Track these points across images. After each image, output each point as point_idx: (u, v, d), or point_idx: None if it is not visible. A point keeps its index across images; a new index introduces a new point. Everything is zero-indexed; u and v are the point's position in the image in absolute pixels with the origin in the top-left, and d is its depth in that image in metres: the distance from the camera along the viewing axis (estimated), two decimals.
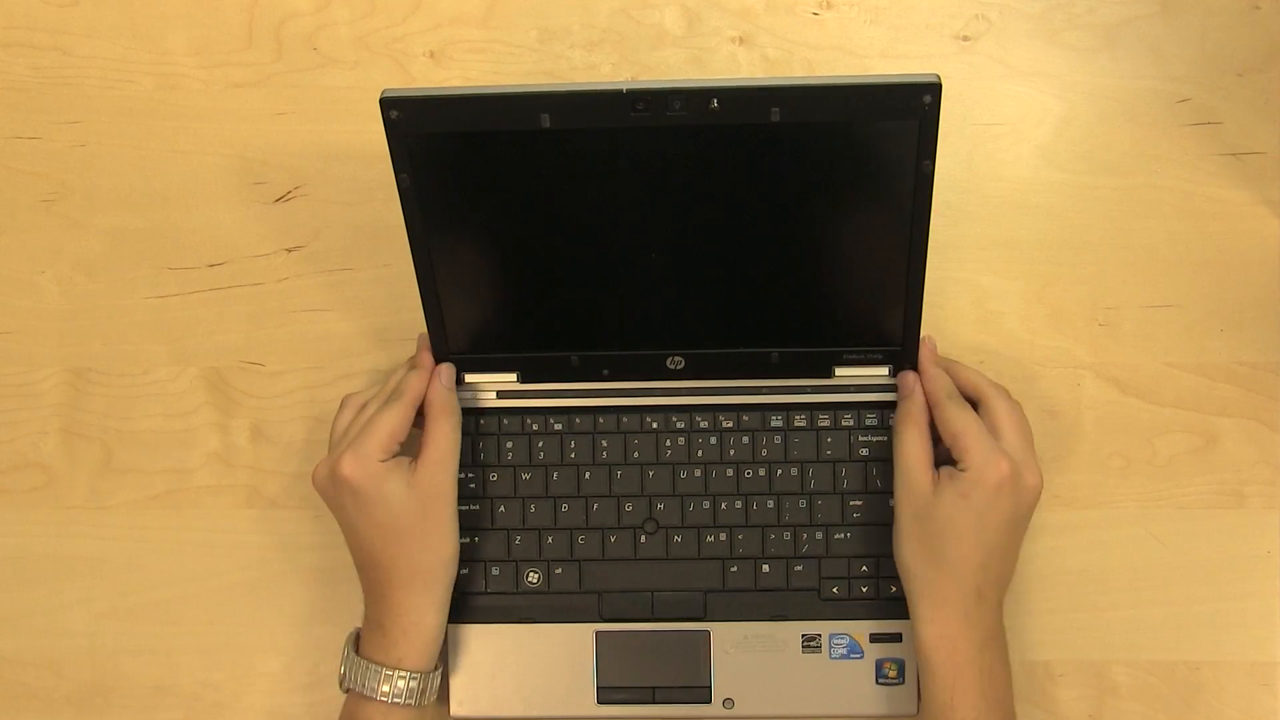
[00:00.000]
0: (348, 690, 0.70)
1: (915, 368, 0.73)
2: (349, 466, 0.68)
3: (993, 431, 0.69)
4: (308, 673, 0.77)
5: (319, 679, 0.77)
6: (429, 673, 0.70)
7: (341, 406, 0.73)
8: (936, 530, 0.68)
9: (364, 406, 0.73)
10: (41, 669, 0.78)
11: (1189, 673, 0.75)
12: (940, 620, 0.68)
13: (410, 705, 0.68)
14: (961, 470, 0.67)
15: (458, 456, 0.71)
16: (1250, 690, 0.75)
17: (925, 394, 0.71)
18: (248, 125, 0.80)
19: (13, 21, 0.81)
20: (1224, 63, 0.78)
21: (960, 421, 0.68)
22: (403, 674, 0.68)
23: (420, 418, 0.72)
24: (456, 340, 0.73)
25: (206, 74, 0.80)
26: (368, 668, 0.69)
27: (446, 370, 0.73)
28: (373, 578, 0.70)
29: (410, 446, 0.71)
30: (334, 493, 0.70)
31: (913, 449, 0.69)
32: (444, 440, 0.71)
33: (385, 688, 0.68)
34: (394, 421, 0.70)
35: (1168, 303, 0.77)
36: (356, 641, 0.71)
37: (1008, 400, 0.71)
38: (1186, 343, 0.77)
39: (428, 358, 0.73)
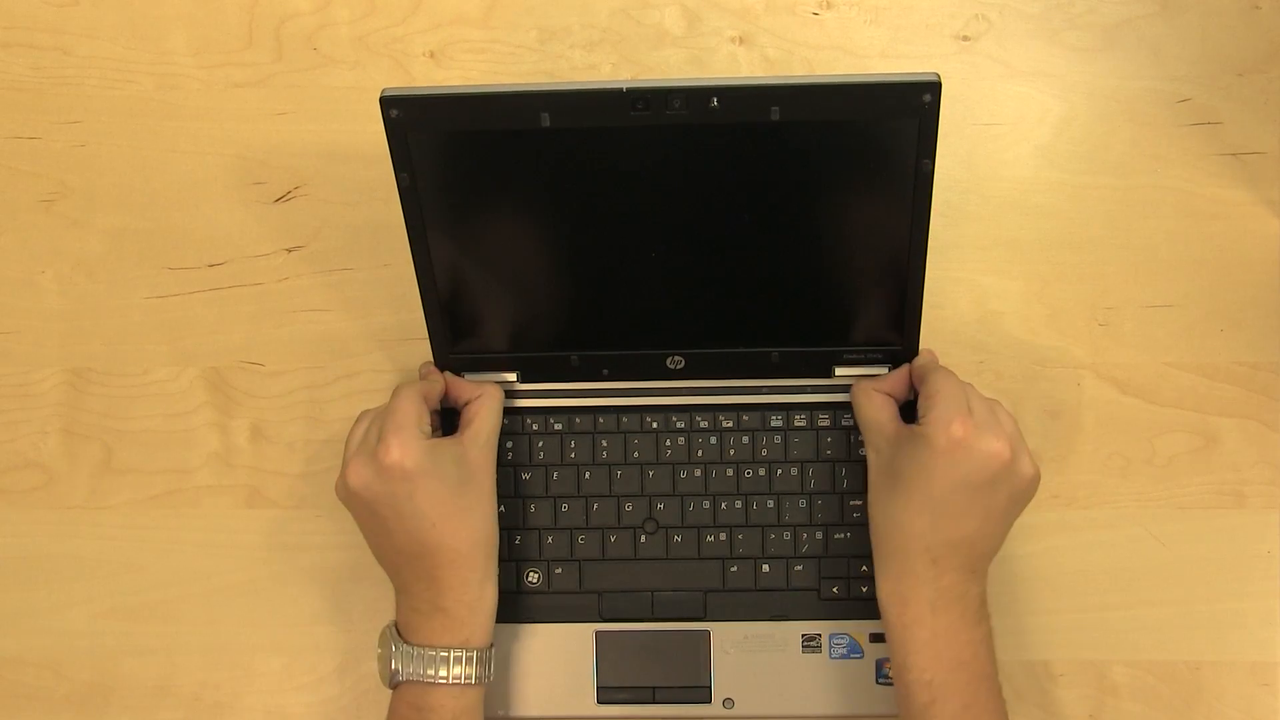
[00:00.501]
0: (398, 684, 0.68)
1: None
2: (397, 451, 0.67)
3: (966, 398, 0.68)
4: (308, 673, 0.77)
5: (319, 679, 0.77)
6: (491, 648, 0.70)
7: (357, 421, 0.72)
8: (891, 485, 0.68)
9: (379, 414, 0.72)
10: (41, 669, 0.78)
11: (1189, 673, 0.75)
12: (891, 576, 0.68)
13: (483, 683, 0.68)
14: (922, 423, 0.67)
15: (498, 434, 0.73)
16: (1250, 690, 0.75)
17: (914, 366, 0.72)
18: (248, 125, 0.80)
19: (13, 21, 0.81)
20: (1224, 63, 0.78)
21: (940, 384, 0.68)
22: (469, 653, 0.68)
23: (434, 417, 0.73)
24: (456, 340, 0.73)
25: (206, 74, 0.80)
26: (430, 655, 0.67)
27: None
28: (422, 566, 0.68)
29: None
30: (382, 485, 0.67)
31: (873, 409, 0.70)
32: (491, 416, 0.72)
33: (456, 670, 0.67)
34: (414, 400, 0.69)
35: (1168, 303, 0.77)
36: (398, 634, 0.70)
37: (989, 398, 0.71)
38: (1186, 343, 0.77)
39: (433, 370, 0.74)
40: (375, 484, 0.68)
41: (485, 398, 0.72)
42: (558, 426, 0.75)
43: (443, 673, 0.67)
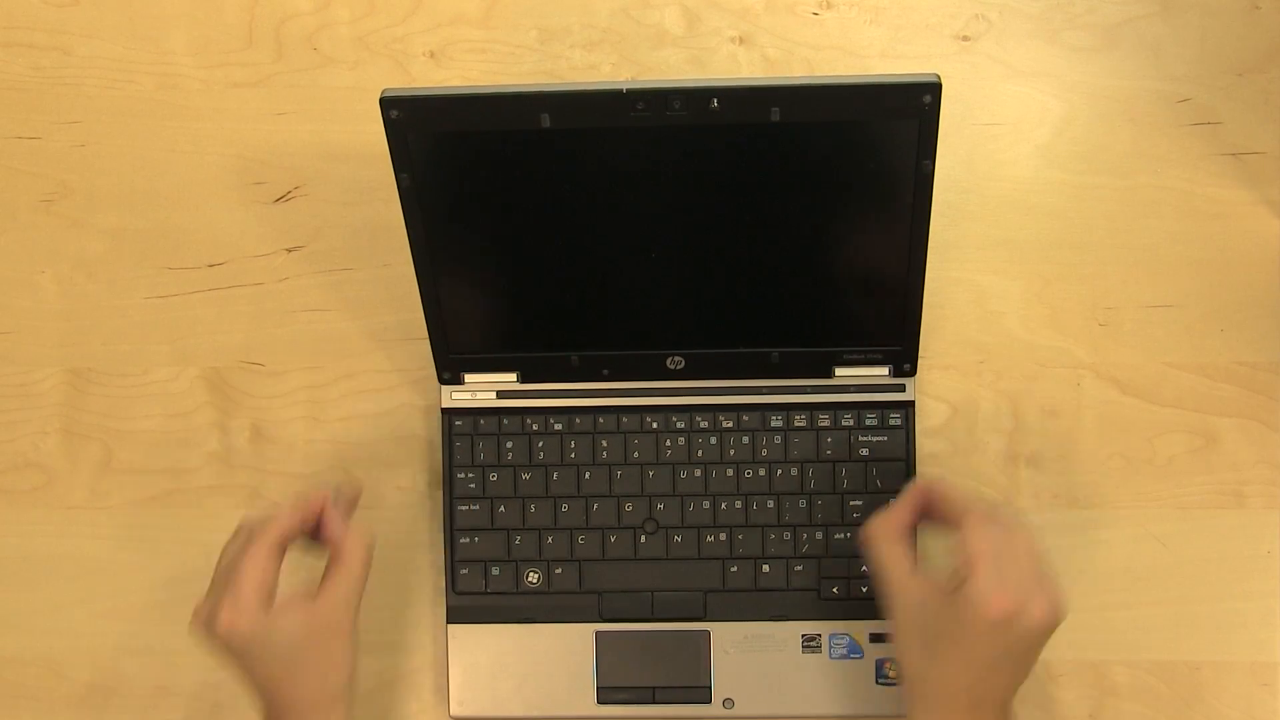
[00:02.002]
0: None
1: (914, 368, 0.73)
2: (227, 620, 0.63)
3: (1000, 556, 0.63)
4: None
5: None
6: None
7: (235, 533, 0.68)
8: (927, 639, 0.64)
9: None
10: (41, 669, 0.78)
11: (1189, 673, 0.75)
12: (931, 714, 0.65)
13: None
14: (961, 594, 0.62)
15: (363, 588, 0.67)
16: (1250, 690, 0.75)
17: (953, 499, 0.66)
18: (248, 125, 0.80)
19: (13, 21, 0.81)
20: (1224, 63, 0.78)
21: (975, 542, 0.63)
22: None
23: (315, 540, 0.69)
24: (457, 340, 0.73)
25: (206, 74, 0.80)
26: None
27: (347, 499, 0.70)
28: (268, 704, 0.66)
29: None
30: (218, 646, 0.65)
31: (892, 563, 0.66)
32: (350, 580, 0.67)
33: None
34: (260, 568, 0.65)
35: (1168, 303, 0.77)
36: None
37: (1015, 523, 0.66)
38: (1186, 343, 0.77)
39: (314, 495, 0.68)
40: (210, 643, 0.65)
41: (348, 554, 0.67)
42: (558, 426, 0.75)
43: None
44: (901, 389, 0.74)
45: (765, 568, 0.74)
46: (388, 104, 0.64)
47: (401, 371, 0.78)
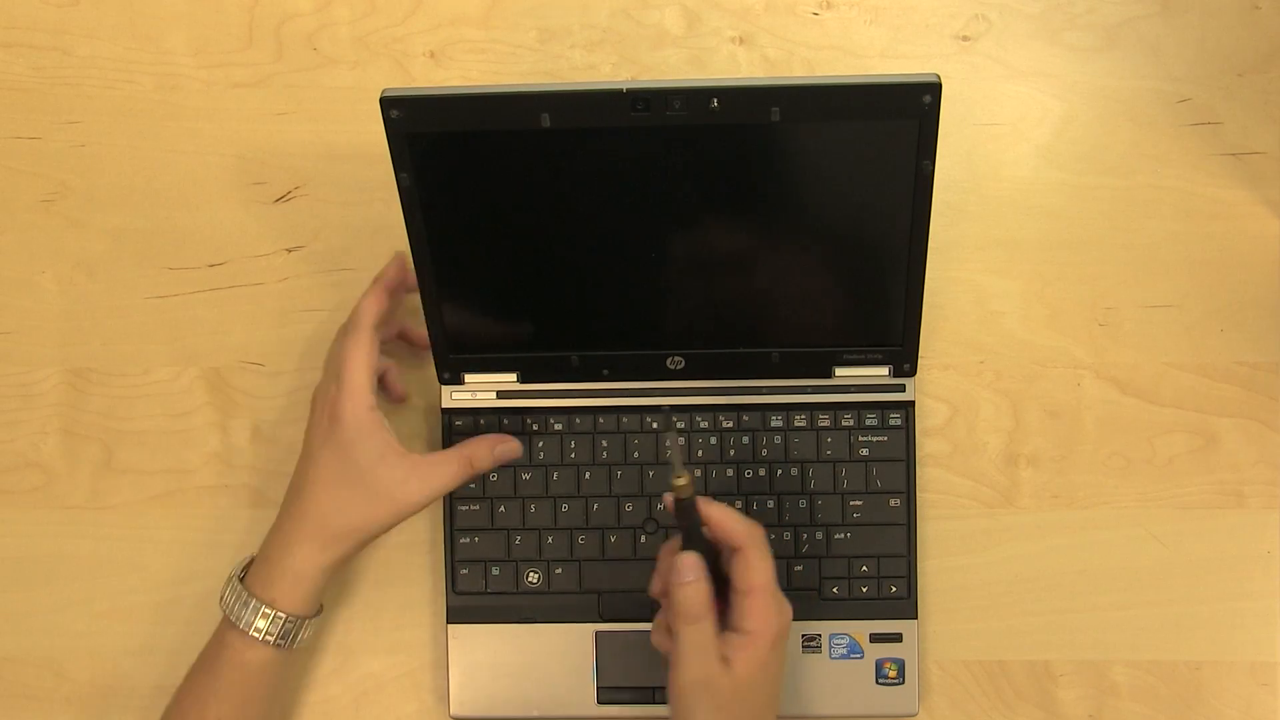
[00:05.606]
0: (224, 614, 0.69)
1: (914, 368, 0.73)
2: (349, 408, 0.68)
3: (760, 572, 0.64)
4: (308, 673, 0.77)
5: (319, 678, 0.77)
6: (304, 618, 0.69)
7: (338, 334, 0.73)
8: (741, 709, 0.63)
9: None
10: (41, 669, 0.78)
11: (1189, 673, 0.75)
12: None
13: (273, 644, 0.68)
14: (747, 632, 0.63)
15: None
16: (1250, 690, 0.75)
17: (733, 534, 0.64)
18: (248, 125, 0.80)
19: (13, 21, 0.81)
20: (1224, 63, 0.78)
21: (764, 574, 0.63)
22: (270, 612, 0.68)
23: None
24: (456, 340, 0.73)
25: (206, 74, 0.80)
26: (244, 597, 0.68)
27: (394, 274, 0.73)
28: (285, 512, 0.70)
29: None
30: (327, 427, 0.69)
31: (706, 637, 0.63)
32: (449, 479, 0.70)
33: (259, 623, 0.67)
34: (364, 355, 0.69)
35: (1168, 303, 0.77)
36: (247, 565, 0.70)
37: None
38: (1186, 343, 0.77)
39: (385, 271, 0.73)
40: (322, 421, 0.69)
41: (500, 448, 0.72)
42: (558, 426, 0.75)
43: (244, 617, 0.68)
44: (901, 389, 0.74)
45: None
46: (388, 104, 0.64)
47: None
